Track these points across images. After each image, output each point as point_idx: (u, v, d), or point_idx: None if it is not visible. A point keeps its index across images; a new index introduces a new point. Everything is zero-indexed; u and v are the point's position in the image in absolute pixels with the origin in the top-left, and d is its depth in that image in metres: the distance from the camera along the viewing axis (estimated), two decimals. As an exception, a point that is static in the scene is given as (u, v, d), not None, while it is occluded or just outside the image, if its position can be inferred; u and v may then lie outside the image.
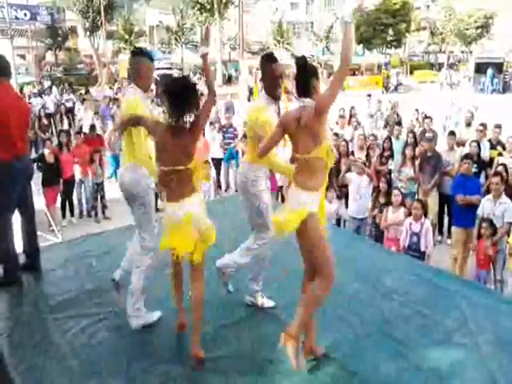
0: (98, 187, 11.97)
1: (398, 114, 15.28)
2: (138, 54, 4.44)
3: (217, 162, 13.16)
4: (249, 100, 28.59)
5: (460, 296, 4.87)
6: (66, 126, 17.79)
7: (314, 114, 3.40)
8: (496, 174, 8.00)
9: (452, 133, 10.43)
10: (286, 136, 3.69)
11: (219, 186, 13.39)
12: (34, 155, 12.27)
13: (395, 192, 8.25)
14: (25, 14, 38.90)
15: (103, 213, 12.00)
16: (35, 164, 11.60)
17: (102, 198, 12.02)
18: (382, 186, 8.70)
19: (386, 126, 14.52)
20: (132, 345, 4.12)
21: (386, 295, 4.88)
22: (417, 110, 14.55)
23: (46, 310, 4.63)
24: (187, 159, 3.77)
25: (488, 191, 8.07)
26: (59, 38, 45.22)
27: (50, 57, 46.97)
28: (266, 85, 4.24)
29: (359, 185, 8.99)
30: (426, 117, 12.69)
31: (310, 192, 3.48)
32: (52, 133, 17.39)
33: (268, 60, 4.21)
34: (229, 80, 45.25)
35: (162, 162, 3.84)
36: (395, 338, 4.17)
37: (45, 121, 17.34)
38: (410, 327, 4.36)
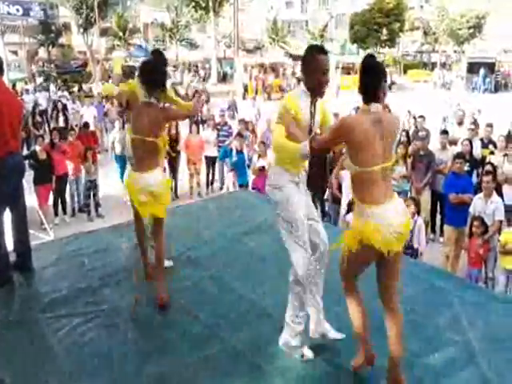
0: (91, 184, 11.94)
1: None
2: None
3: (211, 160, 13.17)
4: (244, 98, 28.59)
5: (452, 293, 4.88)
6: (61, 123, 17.70)
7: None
8: (487, 172, 8.04)
9: (445, 132, 10.47)
10: None
11: (211, 183, 13.42)
12: (26, 152, 12.21)
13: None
14: (17, 10, 38.52)
15: (96, 211, 11.97)
16: (27, 161, 11.61)
17: (95, 195, 11.99)
18: None
19: None
20: (123, 344, 4.11)
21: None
22: (409, 112, 14.56)
23: (37, 308, 4.60)
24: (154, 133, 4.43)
25: (480, 189, 8.10)
26: (52, 35, 44.89)
27: (42, 53, 46.74)
28: (305, 77, 3.75)
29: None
30: (419, 116, 12.69)
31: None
32: (45, 130, 17.31)
33: (314, 50, 3.73)
34: (224, 78, 45.18)
35: (134, 130, 4.52)
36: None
37: (38, 118, 17.28)
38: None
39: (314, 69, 3.64)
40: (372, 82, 3.26)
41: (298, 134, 3.51)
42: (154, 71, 4.53)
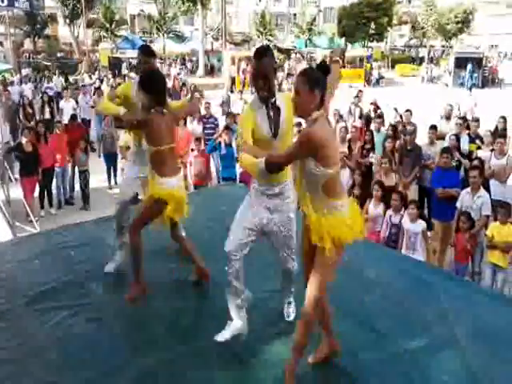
0: (81, 175, 11.85)
1: (378, 107, 15.27)
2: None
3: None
4: (231, 91, 28.51)
5: (439, 288, 4.90)
6: (47, 115, 17.53)
7: None
8: (474, 167, 8.07)
9: (433, 126, 10.49)
10: None
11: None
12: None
13: (375, 186, 8.29)
14: (2, 0, 38.10)
15: (87, 203, 11.86)
16: (13, 153, 11.52)
17: (86, 186, 11.88)
18: (356, 177, 8.81)
19: (360, 117, 14.59)
20: (111, 337, 4.09)
21: (366, 287, 4.90)
22: (395, 109, 14.55)
23: (23, 301, 4.57)
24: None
25: (467, 184, 8.13)
26: (38, 26, 44.54)
27: (28, 44, 46.31)
28: (254, 82, 3.77)
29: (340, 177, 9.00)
30: (406, 110, 12.67)
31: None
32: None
33: (257, 54, 3.70)
34: (211, 71, 45.02)
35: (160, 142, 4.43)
36: (375, 329, 4.20)
37: (29, 109, 17.10)
38: (389, 318, 4.38)
39: (255, 74, 3.70)
40: (321, 89, 3.23)
41: (254, 153, 3.50)
42: (160, 81, 4.47)
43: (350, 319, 4.32)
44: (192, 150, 11.38)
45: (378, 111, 14.29)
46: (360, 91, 17.45)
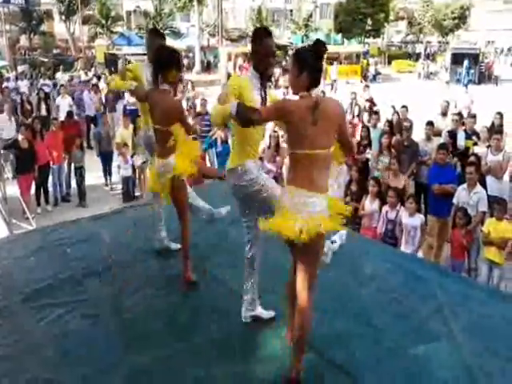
0: (76, 172, 11.84)
1: (374, 103, 15.25)
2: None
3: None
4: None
5: (435, 283, 4.91)
6: (43, 112, 17.46)
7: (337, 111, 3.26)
8: (470, 163, 8.08)
9: (430, 123, 10.49)
10: None
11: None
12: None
13: (372, 182, 8.30)
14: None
15: (84, 199, 11.84)
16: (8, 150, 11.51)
17: (81, 183, 11.86)
18: (353, 174, 8.81)
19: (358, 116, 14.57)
20: (107, 334, 4.09)
21: (362, 282, 4.91)
22: (393, 107, 14.53)
23: (19, 298, 4.56)
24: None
25: (464, 180, 8.14)
26: (34, 22, 44.40)
27: (24, 41, 46.16)
28: (256, 61, 3.80)
29: (337, 173, 9.00)
30: (402, 106, 12.63)
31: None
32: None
33: (263, 33, 3.80)
34: (207, 67, 44.91)
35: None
36: (371, 325, 4.20)
37: (27, 106, 17.04)
38: (385, 314, 4.39)
39: (264, 52, 3.72)
40: (312, 69, 3.22)
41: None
42: (172, 54, 4.49)
43: (346, 315, 4.33)
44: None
45: (374, 108, 14.27)
46: (366, 86, 17.46)
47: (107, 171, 12.96)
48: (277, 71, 36.29)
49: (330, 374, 3.62)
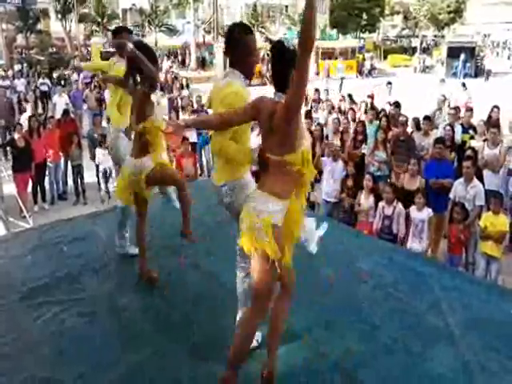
0: (74, 169, 11.80)
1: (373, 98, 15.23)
2: None
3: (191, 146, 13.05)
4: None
5: (432, 278, 4.92)
6: (40, 111, 17.46)
7: (285, 115, 2.94)
8: (467, 157, 8.08)
9: (427, 117, 10.49)
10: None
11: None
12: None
13: (367, 177, 8.31)
14: (-7, -3, 37.78)
15: (83, 197, 11.83)
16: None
17: (81, 180, 11.84)
18: (350, 169, 8.82)
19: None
20: (104, 332, 4.08)
21: (359, 278, 4.91)
22: (389, 103, 14.49)
23: (16, 296, 4.56)
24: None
25: (460, 175, 8.14)
26: (30, 21, 44.23)
27: (20, 40, 46.01)
28: (238, 60, 3.52)
29: (333, 169, 9.02)
30: (395, 104, 12.58)
31: (278, 200, 3.03)
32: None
33: (244, 31, 3.53)
34: (203, 63, 44.79)
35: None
36: (367, 320, 4.20)
37: (25, 104, 17.01)
38: (382, 310, 4.39)
39: (248, 51, 3.48)
40: (281, 69, 3.04)
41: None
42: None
43: (343, 311, 4.33)
44: (183, 139, 11.17)
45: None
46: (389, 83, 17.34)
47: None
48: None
49: (325, 370, 3.61)
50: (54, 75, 26.11)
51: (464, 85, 15.97)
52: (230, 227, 5.57)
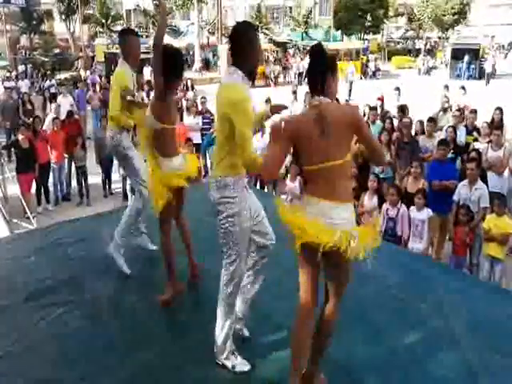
0: (79, 170, 11.81)
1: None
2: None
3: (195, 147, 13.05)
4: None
5: (436, 280, 4.91)
6: (48, 112, 17.47)
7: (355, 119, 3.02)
8: (471, 159, 8.05)
9: (431, 119, 10.47)
10: None
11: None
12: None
13: (371, 177, 8.29)
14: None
15: (87, 197, 11.83)
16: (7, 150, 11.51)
17: (85, 181, 11.84)
18: (353, 170, 8.77)
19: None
20: (107, 333, 4.09)
21: (362, 280, 4.90)
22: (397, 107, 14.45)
23: (19, 297, 4.57)
24: None
25: (464, 176, 8.11)
26: (34, 22, 44.38)
27: (24, 41, 46.17)
28: (241, 55, 3.41)
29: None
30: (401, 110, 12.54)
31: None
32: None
33: (248, 26, 3.54)
34: (207, 65, 44.83)
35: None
36: (371, 322, 4.20)
37: (28, 106, 17.06)
38: (385, 311, 4.39)
39: (251, 46, 3.39)
40: (315, 72, 3.04)
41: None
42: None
43: (346, 313, 4.31)
44: (187, 140, 11.15)
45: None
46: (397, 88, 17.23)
47: (107, 179, 12.54)
48: (277, 68, 36.34)
49: (329, 372, 3.61)
50: (62, 76, 26.11)
51: (463, 88, 15.86)
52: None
